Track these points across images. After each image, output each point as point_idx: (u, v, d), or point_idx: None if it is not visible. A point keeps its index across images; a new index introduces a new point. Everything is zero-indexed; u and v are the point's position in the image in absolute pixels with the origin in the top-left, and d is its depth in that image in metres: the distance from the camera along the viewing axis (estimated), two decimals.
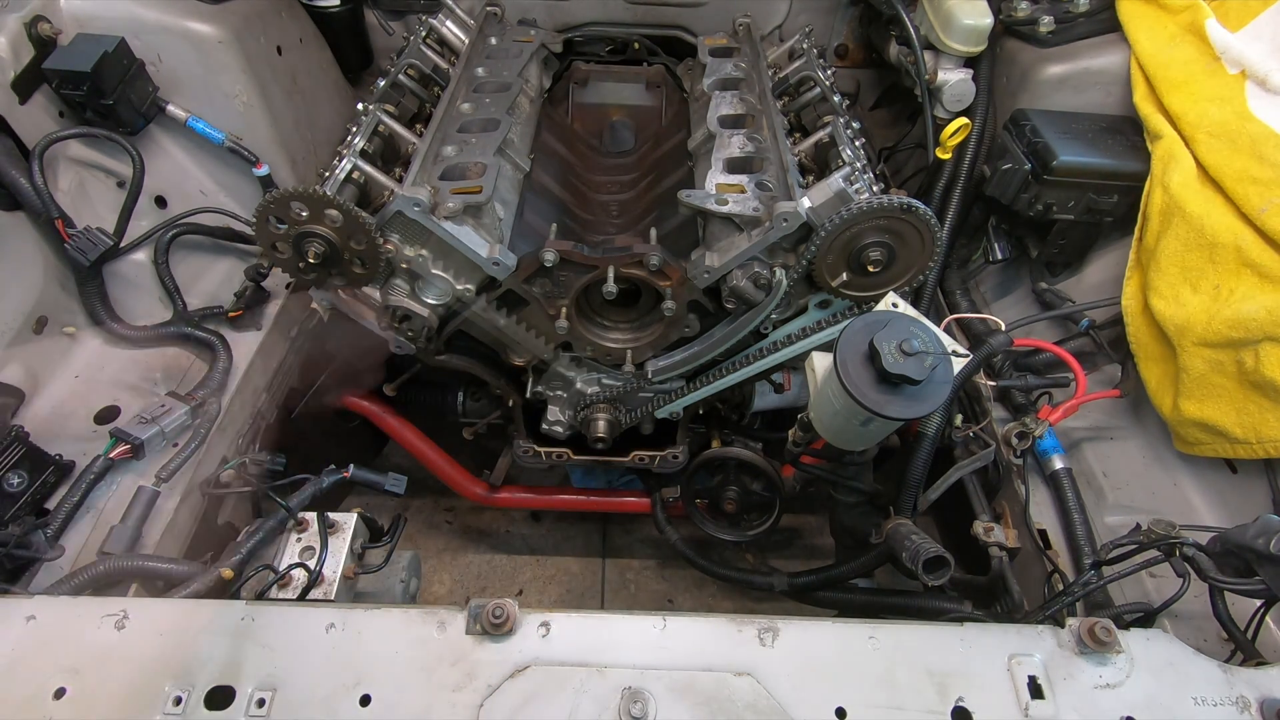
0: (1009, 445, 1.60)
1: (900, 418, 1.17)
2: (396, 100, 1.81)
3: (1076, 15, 1.93)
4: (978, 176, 1.92)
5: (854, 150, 1.62)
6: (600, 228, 1.86)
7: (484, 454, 2.19)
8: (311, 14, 2.18)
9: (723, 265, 1.47)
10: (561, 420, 1.84)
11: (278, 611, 1.02)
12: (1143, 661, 1.01)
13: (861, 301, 1.53)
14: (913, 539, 1.39)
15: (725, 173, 1.57)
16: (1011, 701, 0.97)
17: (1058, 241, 1.86)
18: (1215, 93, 1.61)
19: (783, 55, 2.09)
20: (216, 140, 1.86)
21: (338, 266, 1.45)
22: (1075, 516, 1.50)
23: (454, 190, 1.47)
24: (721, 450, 1.86)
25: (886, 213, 1.37)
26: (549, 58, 2.18)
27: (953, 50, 1.93)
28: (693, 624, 1.03)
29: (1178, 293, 1.48)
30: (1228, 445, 1.42)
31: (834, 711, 0.95)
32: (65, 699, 0.93)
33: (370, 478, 1.52)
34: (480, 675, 0.96)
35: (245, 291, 1.84)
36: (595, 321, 1.66)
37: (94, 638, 0.98)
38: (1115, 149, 1.74)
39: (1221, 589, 1.14)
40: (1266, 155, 1.46)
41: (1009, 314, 1.96)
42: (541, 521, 2.56)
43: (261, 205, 1.38)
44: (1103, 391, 1.66)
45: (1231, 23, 1.69)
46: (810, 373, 1.39)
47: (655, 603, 2.35)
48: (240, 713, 0.93)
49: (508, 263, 1.47)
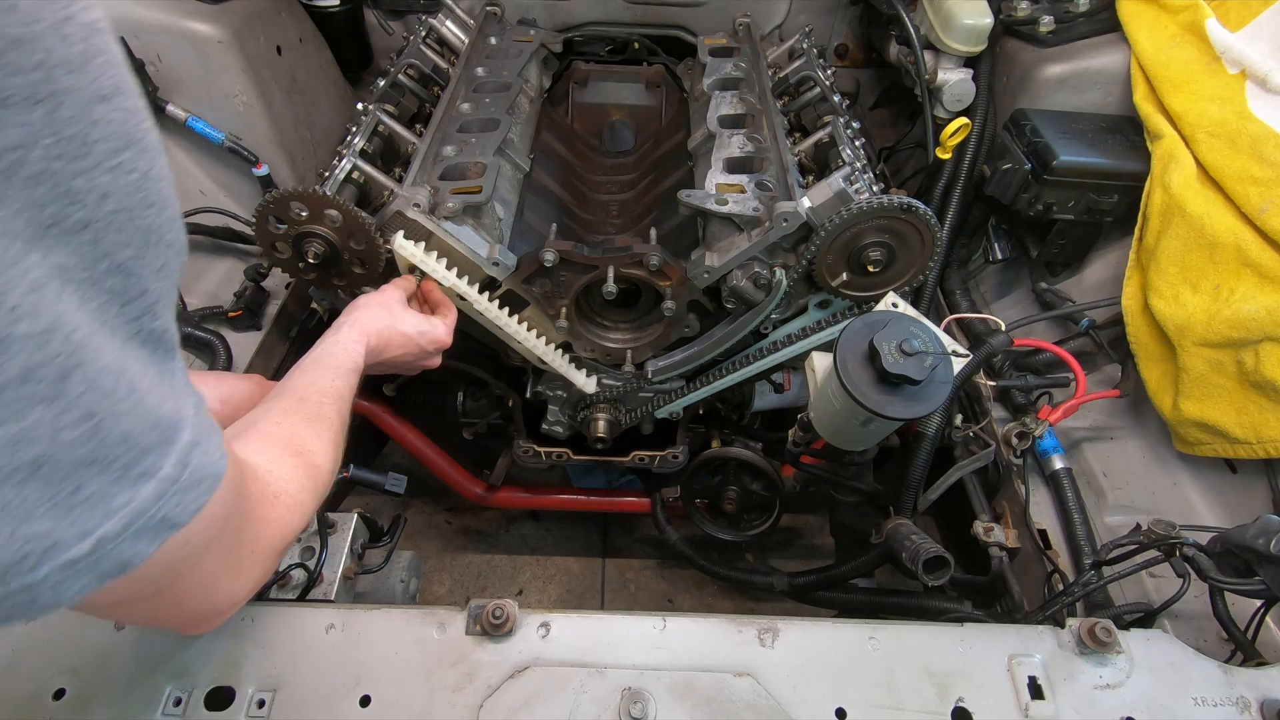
0: (1009, 445, 1.60)
1: (900, 418, 1.17)
2: (396, 100, 1.81)
3: (1076, 15, 1.93)
4: (978, 176, 1.92)
5: (854, 150, 1.62)
6: (600, 228, 1.86)
7: (484, 454, 2.19)
8: (311, 14, 2.18)
9: (723, 265, 1.47)
10: (561, 420, 1.84)
11: (277, 612, 1.02)
12: (1143, 662, 1.01)
13: (861, 301, 1.53)
14: (913, 539, 1.39)
15: (725, 173, 1.57)
16: (1011, 702, 0.97)
17: (1058, 241, 1.86)
18: (1215, 92, 1.61)
19: (783, 55, 2.09)
20: (216, 140, 1.86)
21: (338, 266, 1.45)
22: (1075, 516, 1.50)
23: (454, 190, 1.47)
24: (721, 450, 1.86)
25: (886, 213, 1.37)
26: (549, 58, 2.18)
27: (953, 50, 1.93)
28: (693, 624, 1.03)
29: (1178, 293, 1.48)
30: (1228, 445, 1.42)
31: (834, 712, 0.95)
32: (65, 699, 0.93)
33: (370, 478, 1.52)
34: (480, 676, 0.96)
35: (245, 291, 1.84)
36: (595, 322, 1.66)
37: (94, 638, 0.98)
38: (1115, 149, 1.74)
39: (1221, 589, 1.14)
40: (1267, 155, 1.46)
41: (1009, 314, 1.96)
42: (541, 521, 2.56)
43: (261, 205, 1.38)
44: (1103, 391, 1.66)
45: (1231, 22, 1.69)
46: (810, 373, 1.39)
47: (655, 603, 2.35)
48: (240, 713, 0.93)
49: (507, 263, 1.47)
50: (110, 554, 0.49)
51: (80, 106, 0.43)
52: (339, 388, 1.05)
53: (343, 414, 1.02)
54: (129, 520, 0.49)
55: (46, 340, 0.42)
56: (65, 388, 0.44)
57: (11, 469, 0.43)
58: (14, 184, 0.41)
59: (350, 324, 1.21)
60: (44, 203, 0.42)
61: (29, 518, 0.44)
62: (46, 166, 0.42)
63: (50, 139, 0.42)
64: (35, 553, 0.45)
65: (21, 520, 0.44)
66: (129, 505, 0.49)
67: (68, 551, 0.47)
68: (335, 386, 1.05)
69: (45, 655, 0.97)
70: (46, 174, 0.42)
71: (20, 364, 0.41)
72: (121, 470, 0.48)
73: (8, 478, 0.43)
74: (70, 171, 0.43)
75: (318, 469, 0.88)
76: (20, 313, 0.41)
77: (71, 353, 0.44)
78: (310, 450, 0.90)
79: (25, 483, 0.44)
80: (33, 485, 0.44)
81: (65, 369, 0.44)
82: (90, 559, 0.48)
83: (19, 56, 0.40)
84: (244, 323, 1.84)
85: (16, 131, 0.40)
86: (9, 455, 0.42)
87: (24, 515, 0.44)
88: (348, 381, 1.08)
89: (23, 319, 0.41)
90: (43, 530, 0.45)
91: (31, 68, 0.41)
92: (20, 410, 0.42)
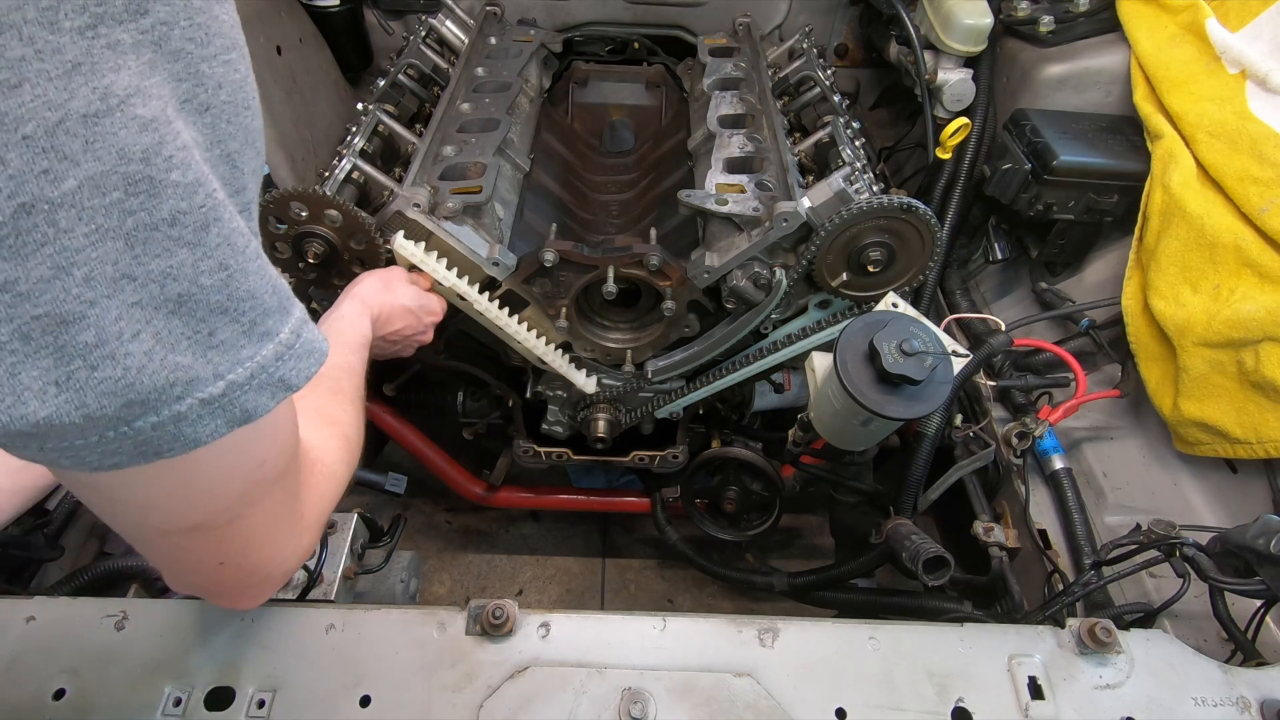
0: (1009, 445, 1.60)
1: (900, 418, 1.17)
2: (396, 100, 1.81)
3: (1076, 15, 1.93)
4: (978, 176, 1.92)
5: (854, 150, 1.62)
6: (600, 228, 1.86)
7: (484, 454, 2.19)
8: (311, 14, 2.18)
9: (723, 265, 1.47)
10: (561, 420, 1.84)
11: (277, 612, 1.02)
12: (1143, 662, 1.01)
13: (861, 301, 1.53)
14: (913, 539, 1.39)
15: (725, 173, 1.57)
16: (1011, 702, 0.97)
17: (1058, 241, 1.86)
18: (1215, 92, 1.61)
19: (783, 55, 2.09)
20: None
21: (338, 266, 1.45)
22: (1075, 516, 1.50)
23: (454, 190, 1.47)
24: (721, 450, 1.86)
25: (886, 213, 1.37)
26: (549, 58, 2.18)
27: (953, 50, 1.93)
28: (693, 624, 1.03)
29: (1178, 293, 1.48)
30: (1228, 445, 1.42)
31: (834, 712, 0.95)
32: (65, 700, 0.93)
33: (370, 478, 1.52)
34: (480, 676, 0.96)
35: None
36: (595, 322, 1.66)
37: (94, 638, 0.98)
38: (1115, 149, 1.74)
39: (1221, 589, 1.14)
40: (1267, 155, 1.46)
41: (1009, 314, 1.96)
42: (541, 521, 2.56)
43: (261, 205, 1.38)
44: (1103, 391, 1.66)
45: (1231, 22, 1.69)
46: (810, 373, 1.39)
47: (655, 603, 2.35)
48: (240, 713, 0.92)
49: (507, 263, 1.47)
50: (238, 400, 0.53)
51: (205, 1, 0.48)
52: (352, 362, 1.09)
53: (359, 388, 1.06)
54: (254, 372, 0.53)
55: (194, 190, 0.47)
56: (206, 237, 0.48)
57: (162, 299, 0.47)
58: (163, 55, 0.46)
59: (352, 298, 1.25)
60: (181, 78, 0.47)
61: (175, 348, 0.48)
62: (183, 46, 0.47)
63: (186, 22, 0.47)
64: (180, 382, 0.49)
65: (170, 349, 0.48)
66: (254, 359, 0.53)
67: (205, 389, 0.50)
68: (349, 361, 1.08)
69: (45, 655, 0.97)
70: (183, 53, 0.47)
71: (171, 207, 0.46)
72: (249, 324, 0.52)
73: (159, 306, 0.47)
74: (199, 56, 0.48)
75: (349, 440, 0.92)
76: (174, 163, 0.46)
77: (212, 207, 0.48)
78: (340, 422, 0.93)
79: (172, 315, 0.48)
80: (178, 320, 0.48)
81: (206, 220, 0.48)
82: (222, 400, 0.52)
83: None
84: None
85: (165, 8, 0.45)
86: (160, 287, 0.47)
87: (172, 344, 0.48)
88: (360, 356, 1.12)
89: (175, 168, 0.46)
90: (186, 362, 0.49)
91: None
92: (169, 249, 0.47)
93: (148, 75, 0.45)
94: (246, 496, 0.65)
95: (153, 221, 0.45)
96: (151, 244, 0.46)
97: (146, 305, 0.47)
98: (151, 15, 0.44)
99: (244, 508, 0.66)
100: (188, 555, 0.70)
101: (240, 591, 0.78)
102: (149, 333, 0.47)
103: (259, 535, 0.71)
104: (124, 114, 0.43)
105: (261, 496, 0.67)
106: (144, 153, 0.44)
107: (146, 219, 0.45)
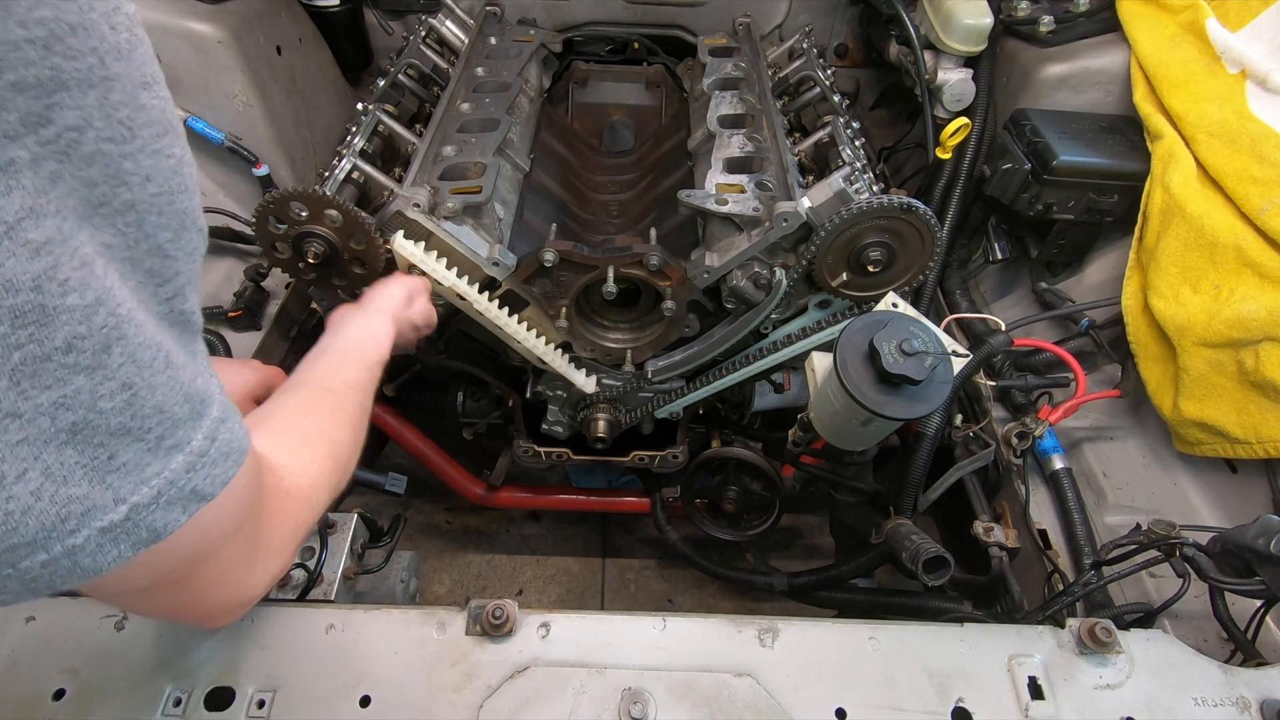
0: (1009, 445, 1.60)
1: (900, 418, 1.17)
2: (396, 100, 1.81)
3: (1076, 15, 1.93)
4: (978, 176, 1.92)
5: (854, 150, 1.62)
6: (600, 228, 1.86)
7: (484, 454, 2.19)
8: (311, 14, 2.18)
9: (723, 265, 1.47)
10: (561, 420, 1.84)
11: (277, 612, 1.02)
12: (1143, 662, 1.01)
13: (861, 301, 1.53)
14: (913, 539, 1.39)
15: (725, 172, 1.57)
16: (1011, 702, 0.97)
17: (1058, 241, 1.86)
18: (1215, 92, 1.61)
19: (783, 55, 2.09)
20: (215, 140, 1.86)
21: (337, 267, 1.45)
22: (1075, 516, 1.50)
23: (454, 190, 1.47)
24: (721, 450, 1.86)
25: (886, 213, 1.37)
26: (549, 57, 2.18)
27: (953, 50, 1.93)
28: (693, 624, 1.03)
29: (1178, 293, 1.48)
30: (1228, 445, 1.42)
31: (834, 712, 0.95)
32: (65, 700, 0.93)
33: (370, 478, 1.52)
34: (480, 676, 0.96)
35: (245, 291, 1.84)
36: (595, 322, 1.66)
37: (94, 638, 0.98)
38: (1115, 149, 1.74)
39: (1221, 589, 1.14)
40: (1267, 155, 1.46)
41: (1009, 314, 1.96)
42: (541, 521, 2.56)
43: (261, 205, 1.38)
44: (1103, 391, 1.66)
45: (1231, 22, 1.69)
46: (810, 373, 1.39)
47: (655, 603, 2.35)
48: (240, 713, 0.93)
49: (507, 263, 1.47)
50: (143, 522, 0.50)
51: (128, 92, 0.46)
52: (364, 380, 1.05)
53: (365, 406, 1.03)
54: (161, 489, 0.51)
55: (93, 312, 0.45)
56: (107, 359, 0.46)
57: (53, 432, 0.45)
58: (70, 163, 0.43)
59: (382, 314, 1.22)
60: (95, 182, 0.45)
61: (68, 480, 0.46)
62: (99, 148, 0.45)
63: (102, 122, 0.44)
64: (74, 515, 0.47)
65: (61, 483, 0.46)
66: (161, 475, 0.51)
67: (104, 517, 0.48)
68: (361, 379, 1.05)
69: (45, 655, 0.97)
70: (99, 155, 0.45)
71: (66, 334, 0.43)
72: (155, 441, 0.50)
73: (49, 440, 0.45)
74: (119, 154, 0.46)
75: (336, 463, 0.89)
76: (70, 285, 0.43)
77: (115, 325, 0.46)
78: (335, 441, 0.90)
79: (65, 446, 0.45)
80: (71, 449, 0.46)
81: (107, 341, 0.46)
82: (125, 525, 0.49)
83: (76, 42, 0.42)
84: (244, 323, 1.84)
85: (74, 113, 0.43)
86: (50, 420, 0.44)
87: (63, 478, 0.46)
88: (373, 375, 1.09)
89: (72, 292, 0.43)
90: (81, 493, 0.47)
91: (87, 53, 0.43)
92: (63, 378, 0.44)
93: (46, 191, 0.42)
94: (196, 559, 0.62)
95: (44, 352, 0.43)
96: (41, 375, 0.43)
97: (34, 441, 0.44)
98: (56, 124, 0.42)
99: (194, 567, 0.63)
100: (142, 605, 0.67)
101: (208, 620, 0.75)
102: (37, 470, 0.44)
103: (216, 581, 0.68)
104: (12, 241, 0.40)
105: (214, 553, 0.64)
106: (34, 280, 0.41)
107: (36, 350, 0.42)
